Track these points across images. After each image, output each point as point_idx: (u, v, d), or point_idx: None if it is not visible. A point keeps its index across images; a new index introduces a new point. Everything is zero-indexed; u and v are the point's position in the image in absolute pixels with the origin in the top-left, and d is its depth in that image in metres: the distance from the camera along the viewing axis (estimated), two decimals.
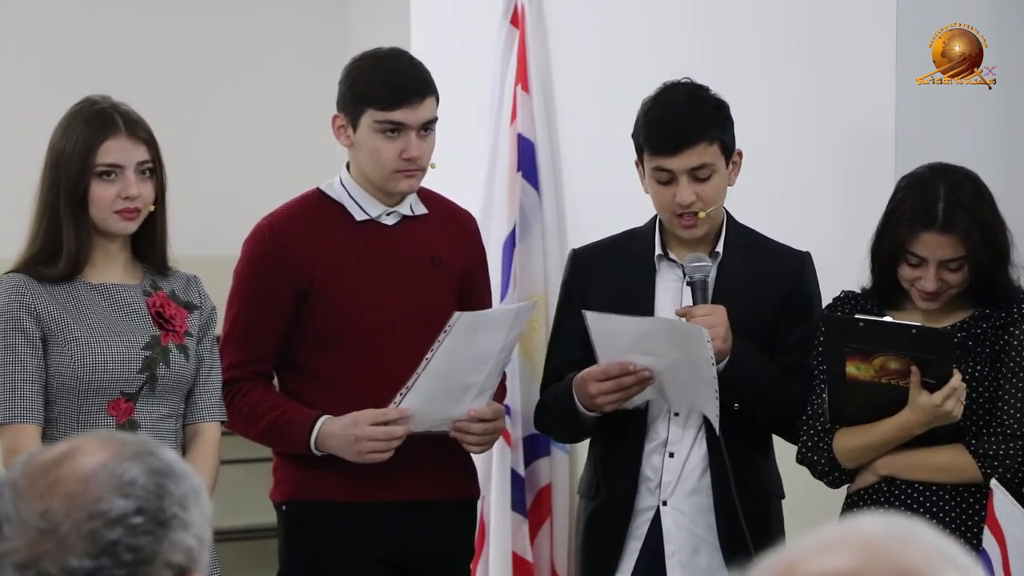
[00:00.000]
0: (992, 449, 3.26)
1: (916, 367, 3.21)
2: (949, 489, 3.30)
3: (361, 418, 3.48)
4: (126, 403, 3.31)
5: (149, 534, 1.55)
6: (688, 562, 3.49)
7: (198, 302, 3.45)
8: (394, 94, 3.55)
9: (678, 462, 3.50)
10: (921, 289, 3.32)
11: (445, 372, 3.47)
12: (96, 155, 3.27)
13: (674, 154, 3.43)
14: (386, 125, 3.55)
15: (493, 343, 3.50)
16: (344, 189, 3.66)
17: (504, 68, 4.92)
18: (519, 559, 4.74)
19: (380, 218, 3.65)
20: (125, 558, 1.54)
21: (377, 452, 3.49)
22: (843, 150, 4.00)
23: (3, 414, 3.26)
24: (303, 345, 3.63)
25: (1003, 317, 3.33)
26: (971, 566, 1.28)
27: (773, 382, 3.46)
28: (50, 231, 3.29)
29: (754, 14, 4.24)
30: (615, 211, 4.16)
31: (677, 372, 3.38)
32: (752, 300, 3.51)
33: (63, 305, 3.29)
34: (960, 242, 3.28)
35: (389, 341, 3.57)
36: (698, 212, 3.45)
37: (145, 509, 1.56)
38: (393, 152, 3.55)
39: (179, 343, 3.37)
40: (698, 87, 3.52)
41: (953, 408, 3.21)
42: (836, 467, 3.37)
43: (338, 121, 3.62)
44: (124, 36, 5.93)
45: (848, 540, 1.28)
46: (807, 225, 3.87)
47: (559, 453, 4.82)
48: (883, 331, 3.25)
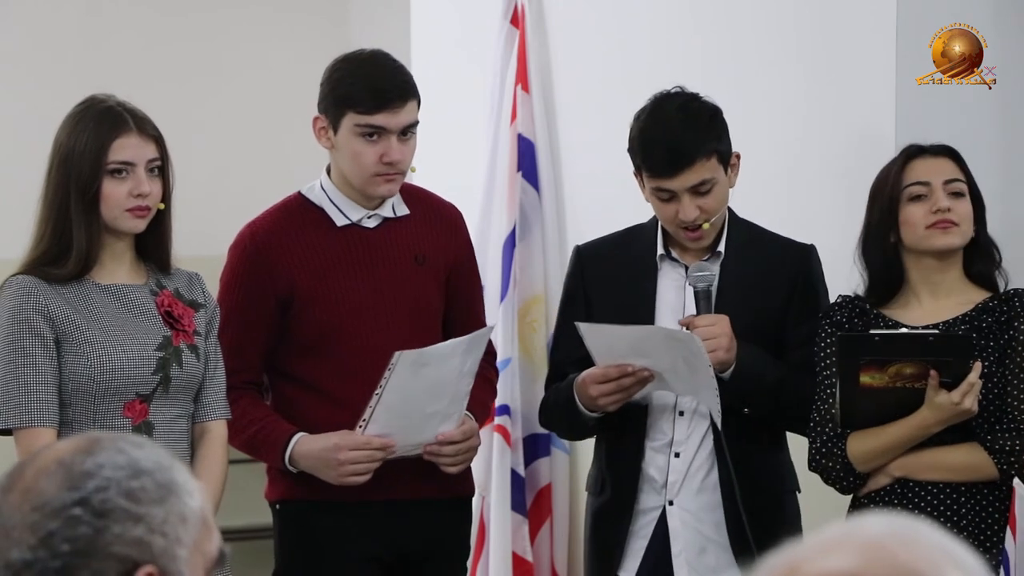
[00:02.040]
0: (1008, 445, 3.23)
1: (935, 370, 3.19)
2: (964, 491, 3.28)
3: (343, 443, 3.48)
4: (141, 404, 3.31)
5: (87, 525, 1.54)
6: (695, 561, 3.49)
7: (202, 300, 3.45)
8: (375, 98, 3.53)
9: (684, 462, 3.50)
10: (937, 211, 3.30)
11: (399, 406, 3.46)
12: (108, 153, 3.27)
13: (673, 176, 3.42)
14: (366, 129, 3.54)
15: (447, 373, 3.49)
16: (324, 193, 3.65)
17: (504, 68, 4.91)
18: (519, 559, 4.73)
19: (361, 222, 3.64)
20: (61, 549, 1.53)
21: (358, 475, 3.50)
22: (843, 150, 4.00)
23: (19, 418, 3.25)
24: (290, 352, 3.63)
25: (1006, 311, 3.31)
26: (975, 566, 1.28)
27: (782, 383, 3.44)
28: (58, 231, 3.28)
29: (754, 14, 4.23)
30: (615, 211, 4.16)
31: (676, 369, 3.38)
32: (758, 296, 3.50)
33: (75, 307, 3.29)
34: (954, 164, 3.33)
35: (377, 345, 3.55)
36: (702, 224, 3.45)
37: (86, 500, 1.54)
38: (373, 156, 3.54)
39: (190, 343, 3.38)
40: (690, 98, 3.49)
41: (972, 405, 3.20)
42: (850, 472, 3.33)
43: (319, 123, 3.61)
44: (124, 36, 5.93)
45: (850, 541, 1.28)
46: (807, 225, 3.87)
47: (559, 453, 4.82)
48: (900, 342, 3.23)
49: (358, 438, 3.48)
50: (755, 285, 3.51)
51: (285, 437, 3.54)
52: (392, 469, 3.54)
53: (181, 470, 1.61)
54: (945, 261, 3.35)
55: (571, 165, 4.85)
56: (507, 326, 4.76)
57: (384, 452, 3.49)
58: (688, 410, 3.51)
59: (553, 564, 4.81)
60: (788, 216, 3.88)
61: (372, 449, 3.48)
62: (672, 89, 3.51)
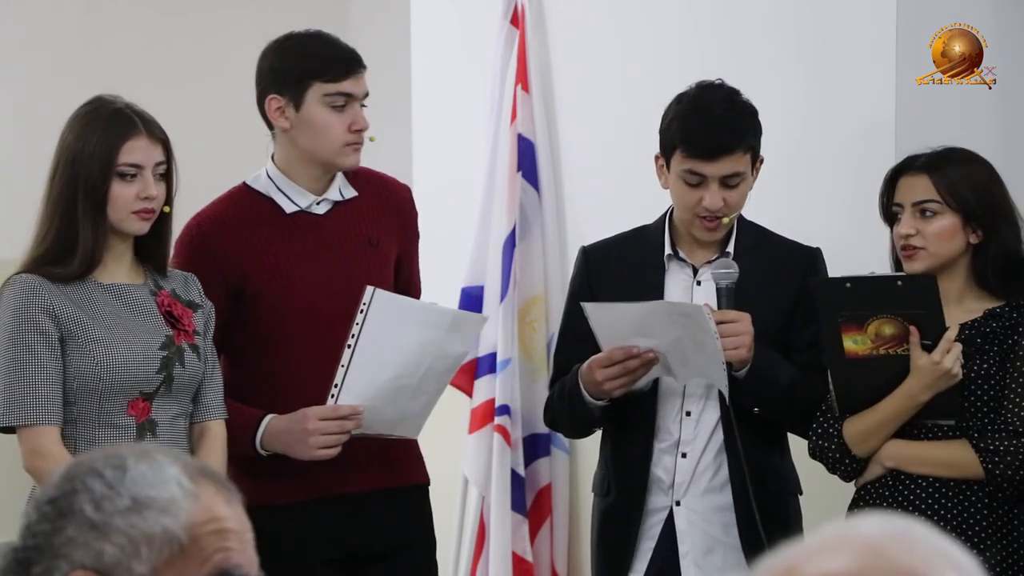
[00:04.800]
0: (995, 445, 3.26)
1: (913, 327, 3.22)
2: (952, 486, 3.30)
3: (311, 412, 3.45)
4: (144, 403, 3.32)
5: (47, 522, 1.55)
6: (703, 561, 3.49)
7: (199, 300, 3.46)
8: (342, 65, 3.57)
9: (691, 462, 3.50)
10: (899, 235, 3.34)
11: (372, 369, 3.42)
12: (119, 155, 3.28)
13: (711, 160, 3.41)
14: (337, 98, 3.55)
15: (424, 342, 3.46)
16: (271, 181, 3.63)
17: (504, 68, 4.91)
18: (519, 559, 4.73)
19: (310, 208, 3.63)
20: (27, 542, 1.56)
21: (328, 447, 3.46)
22: (843, 150, 4.00)
23: (23, 415, 3.26)
24: (244, 341, 3.60)
25: (1014, 317, 3.32)
26: (970, 567, 1.28)
27: (792, 385, 3.45)
28: (63, 230, 3.29)
29: (754, 14, 4.24)
30: (615, 211, 4.16)
31: (682, 348, 3.37)
32: (765, 299, 3.50)
33: (79, 305, 3.30)
34: (931, 182, 3.32)
35: (332, 330, 3.51)
36: (723, 217, 3.45)
37: (56, 498, 1.56)
38: (342, 125, 3.55)
39: (191, 342, 3.39)
40: (734, 91, 3.50)
41: (952, 365, 3.22)
42: (847, 454, 3.37)
43: (275, 103, 3.58)
44: (124, 36, 5.93)
45: (848, 542, 1.29)
46: (808, 225, 3.87)
47: (559, 453, 4.82)
48: (870, 288, 3.26)
49: (326, 407, 3.45)
50: (763, 288, 3.51)
51: (256, 419, 3.52)
52: (342, 464, 3.50)
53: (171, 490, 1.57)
54: (944, 272, 3.36)
55: (571, 165, 4.85)
56: (507, 326, 4.76)
57: (352, 423, 3.46)
58: (695, 411, 3.51)
59: (553, 564, 4.81)
60: (788, 216, 3.88)
61: (341, 418, 3.45)
62: (715, 80, 3.52)
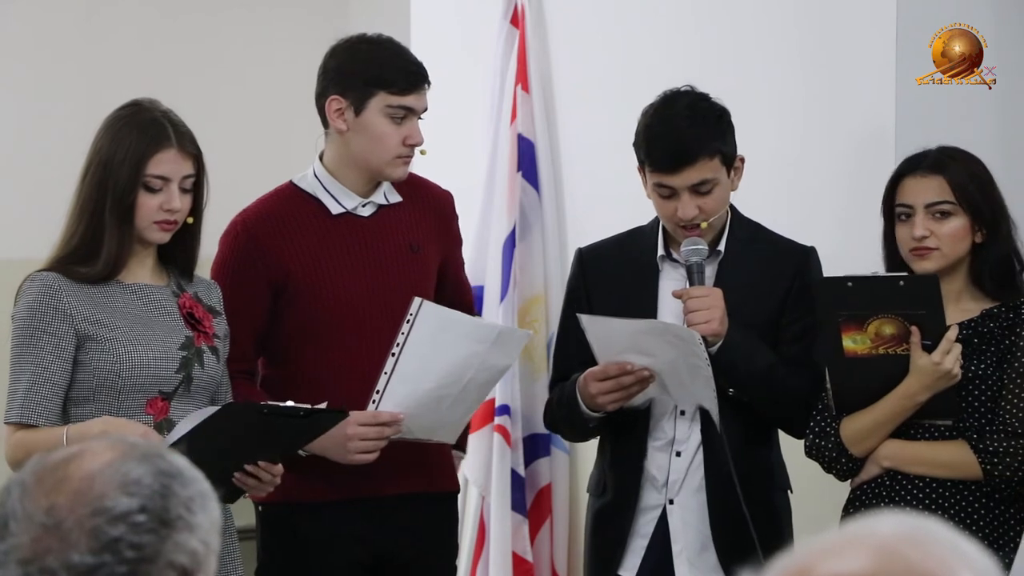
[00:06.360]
0: (993, 446, 3.26)
1: (915, 327, 3.22)
2: (949, 486, 3.30)
3: (353, 418, 3.45)
4: (163, 402, 3.33)
5: (152, 533, 1.56)
6: (696, 559, 3.49)
7: (219, 307, 3.48)
8: (408, 79, 3.56)
9: (685, 461, 3.50)
10: (911, 238, 3.31)
11: (414, 377, 3.43)
12: (147, 166, 3.29)
13: (674, 172, 3.42)
14: (398, 111, 3.55)
15: (467, 356, 3.46)
16: (318, 182, 3.64)
17: (504, 68, 4.92)
18: (519, 559, 4.74)
19: (356, 210, 3.64)
20: (127, 555, 1.55)
21: (366, 452, 3.48)
22: (843, 150, 4.00)
23: (19, 413, 3.27)
24: (283, 341, 3.61)
25: (1011, 317, 3.32)
26: (987, 567, 1.28)
27: (770, 368, 3.44)
28: (90, 231, 3.30)
29: (754, 14, 4.24)
30: (615, 211, 4.16)
31: (677, 371, 3.38)
32: (756, 295, 3.51)
33: (99, 304, 3.30)
34: (945, 182, 3.30)
35: (370, 333, 3.54)
36: (700, 224, 3.46)
37: (149, 508, 1.57)
38: (398, 137, 3.55)
39: (211, 345, 3.40)
40: (699, 97, 3.49)
41: (952, 366, 3.22)
42: (843, 453, 3.35)
43: (335, 104, 3.58)
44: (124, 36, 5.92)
45: (862, 542, 1.28)
46: (808, 225, 3.87)
47: (559, 453, 4.82)
48: (872, 287, 3.25)
49: (366, 413, 3.46)
50: (753, 284, 3.52)
51: None
52: (374, 467, 3.51)
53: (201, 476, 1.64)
54: (947, 272, 3.35)
55: (571, 165, 4.86)
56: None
57: (392, 429, 3.47)
58: (690, 409, 3.51)
59: (553, 564, 4.81)
60: (787, 216, 3.88)
61: (380, 424, 3.46)
62: (683, 87, 3.52)
